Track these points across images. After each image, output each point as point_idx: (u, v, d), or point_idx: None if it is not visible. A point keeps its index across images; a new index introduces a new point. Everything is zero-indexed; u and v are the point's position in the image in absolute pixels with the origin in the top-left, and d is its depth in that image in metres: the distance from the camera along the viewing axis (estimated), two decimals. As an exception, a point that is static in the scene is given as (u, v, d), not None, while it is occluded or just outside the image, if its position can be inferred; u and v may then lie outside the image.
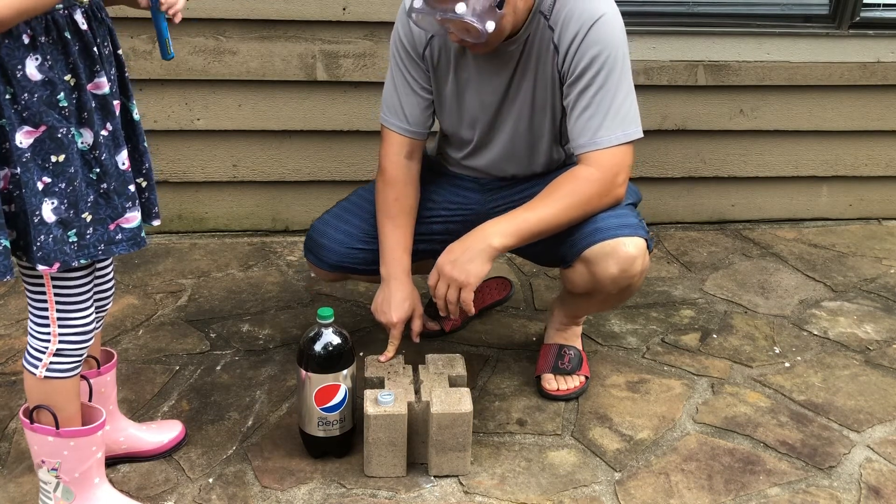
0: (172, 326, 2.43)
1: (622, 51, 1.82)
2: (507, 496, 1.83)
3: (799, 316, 2.59)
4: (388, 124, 2.03)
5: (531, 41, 1.86)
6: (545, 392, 2.15)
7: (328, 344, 1.81)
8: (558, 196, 1.83)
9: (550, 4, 1.83)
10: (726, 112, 3.08)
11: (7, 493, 1.80)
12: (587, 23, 1.78)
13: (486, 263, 1.79)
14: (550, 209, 1.82)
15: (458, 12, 1.66)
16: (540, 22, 1.84)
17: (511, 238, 1.80)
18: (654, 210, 3.20)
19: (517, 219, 1.82)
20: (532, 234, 1.82)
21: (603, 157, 1.82)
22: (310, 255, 2.15)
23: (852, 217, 3.33)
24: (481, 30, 1.69)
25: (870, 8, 3.06)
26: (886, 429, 2.09)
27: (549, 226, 1.83)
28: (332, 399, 1.82)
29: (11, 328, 2.39)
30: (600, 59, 1.79)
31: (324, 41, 2.80)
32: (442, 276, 1.82)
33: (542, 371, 2.18)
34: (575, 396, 2.15)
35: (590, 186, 1.82)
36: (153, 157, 2.91)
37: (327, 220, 2.14)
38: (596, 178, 1.82)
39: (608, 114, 1.80)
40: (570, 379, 2.16)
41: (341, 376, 1.82)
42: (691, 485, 1.88)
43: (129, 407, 2.07)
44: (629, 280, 1.91)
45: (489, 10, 1.68)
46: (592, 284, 1.93)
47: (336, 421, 1.85)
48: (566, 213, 1.83)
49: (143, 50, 2.73)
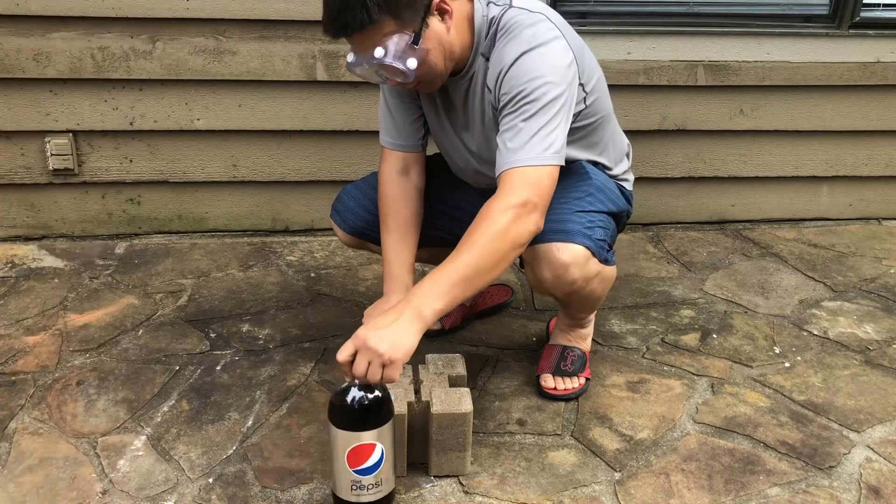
0: (172, 326, 2.43)
1: (552, 78, 1.72)
2: (507, 496, 1.83)
3: (799, 316, 2.59)
4: (383, 142, 2.05)
5: (473, 79, 1.87)
6: (544, 391, 2.15)
7: (363, 396, 1.60)
8: (476, 237, 1.65)
9: (489, 46, 1.81)
10: (726, 112, 3.08)
11: (7, 493, 1.80)
12: (513, 56, 1.76)
13: (416, 336, 1.60)
14: (473, 253, 1.63)
15: (377, 57, 1.67)
16: (481, 62, 1.84)
17: (444, 298, 1.61)
18: (654, 210, 3.20)
19: (442, 278, 1.62)
20: (463, 287, 1.63)
21: (514, 175, 1.70)
22: (335, 216, 2.16)
23: (852, 217, 3.33)
24: (404, 69, 1.69)
25: (870, 8, 3.06)
26: (886, 429, 2.09)
27: (479, 270, 1.63)
28: (367, 460, 1.62)
29: (11, 328, 2.39)
30: (527, 89, 1.72)
31: (324, 41, 2.80)
32: (363, 351, 1.57)
33: (543, 371, 2.18)
34: (574, 397, 2.15)
35: (503, 218, 1.65)
36: (153, 157, 2.93)
37: (359, 185, 2.16)
38: (510, 204, 1.66)
39: (534, 137, 1.71)
40: (571, 379, 2.16)
41: (377, 434, 1.62)
42: (691, 485, 1.88)
43: (129, 407, 2.07)
44: (569, 286, 1.87)
45: (406, 48, 1.68)
46: (539, 287, 1.93)
47: (372, 485, 1.65)
48: (491, 253, 1.64)
49: (142, 50, 2.73)
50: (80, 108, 2.81)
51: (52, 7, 2.66)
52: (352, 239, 2.17)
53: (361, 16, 1.62)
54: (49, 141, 2.82)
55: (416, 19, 1.68)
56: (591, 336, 2.24)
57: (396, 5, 1.64)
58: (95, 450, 1.92)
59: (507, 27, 1.78)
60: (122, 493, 1.80)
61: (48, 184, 2.89)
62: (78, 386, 2.14)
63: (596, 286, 1.96)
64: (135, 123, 2.85)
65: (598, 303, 2.09)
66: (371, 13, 1.62)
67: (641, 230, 3.16)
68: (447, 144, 2.05)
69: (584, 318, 2.19)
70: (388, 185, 2.01)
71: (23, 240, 2.93)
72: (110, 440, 1.96)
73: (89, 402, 2.08)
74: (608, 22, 2.98)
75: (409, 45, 1.69)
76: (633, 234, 3.14)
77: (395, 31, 1.67)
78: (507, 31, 1.78)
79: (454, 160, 2.08)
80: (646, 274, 2.83)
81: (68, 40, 2.70)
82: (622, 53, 2.97)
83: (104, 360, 2.25)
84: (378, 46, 1.67)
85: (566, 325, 2.20)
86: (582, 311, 2.13)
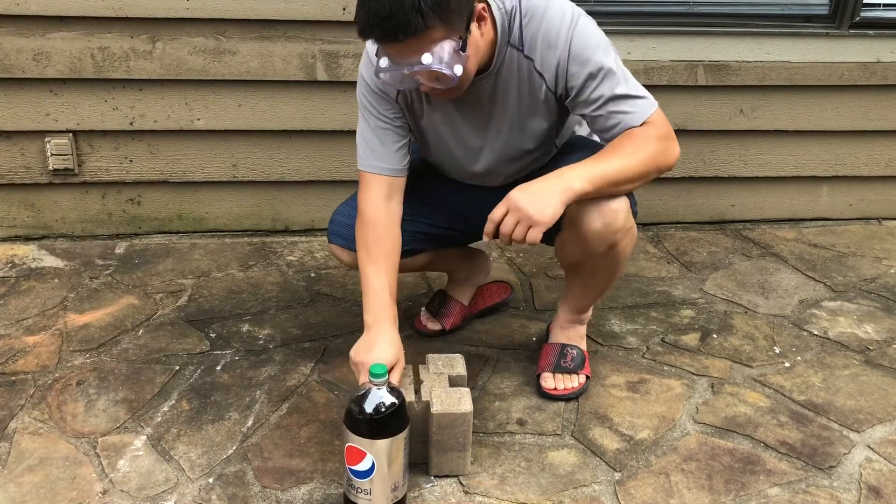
0: (172, 326, 2.43)
1: (603, 44, 1.83)
2: (507, 496, 1.83)
3: (799, 316, 2.59)
4: (366, 167, 1.99)
5: (504, 73, 1.86)
6: (544, 391, 2.15)
7: (371, 407, 1.67)
8: (627, 151, 1.79)
9: (518, 35, 1.82)
10: (726, 112, 3.08)
11: (7, 493, 1.80)
12: (564, 42, 1.79)
13: (561, 206, 1.72)
14: (625, 161, 1.78)
15: (425, 63, 1.66)
16: (512, 53, 1.84)
17: (591, 184, 1.74)
18: (654, 210, 3.20)
19: (596, 167, 1.76)
20: (608, 183, 1.77)
21: (651, 120, 1.82)
22: (337, 239, 2.10)
23: (852, 217, 3.33)
24: (451, 75, 1.69)
25: (870, 8, 3.06)
26: (886, 429, 2.09)
27: (624, 177, 1.78)
28: (359, 463, 1.69)
29: (11, 328, 2.39)
30: (593, 66, 1.80)
31: (324, 41, 2.80)
32: (512, 210, 1.71)
33: (543, 370, 2.17)
34: (574, 396, 2.15)
35: (651, 141, 1.80)
36: (153, 157, 2.92)
37: (352, 203, 2.10)
38: (653, 133, 1.81)
39: (631, 98, 1.82)
40: (570, 378, 2.15)
41: (371, 445, 1.67)
42: (691, 485, 1.88)
43: (130, 407, 2.07)
44: (613, 236, 1.88)
45: (454, 54, 1.68)
46: (579, 245, 1.91)
47: (361, 489, 1.71)
48: (638, 167, 1.79)
49: (142, 50, 2.73)
50: (80, 108, 2.81)
51: (52, 7, 2.66)
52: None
53: (416, 21, 1.59)
54: (49, 141, 2.82)
55: (462, 26, 1.67)
56: (585, 337, 2.24)
57: (448, 12, 1.62)
58: (95, 450, 1.92)
59: (529, 12, 1.81)
60: (122, 493, 1.80)
61: (48, 184, 2.89)
62: (78, 386, 2.14)
63: (628, 242, 1.94)
64: (135, 123, 2.85)
65: (619, 272, 2.05)
66: (427, 19, 1.59)
67: (641, 230, 3.16)
68: (459, 152, 2.02)
69: (587, 313, 2.20)
70: (373, 212, 1.95)
71: (23, 240, 2.93)
72: (110, 440, 1.96)
73: (89, 402, 2.08)
74: (608, 22, 2.96)
75: (456, 51, 1.68)
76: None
77: (444, 38, 1.65)
78: (532, 16, 1.81)
79: (463, 166, 2.06)
80: (646, 274, 2.83)
81: (68, 40, 2.70)
82: (622, 53, 2.96)
83: (104, 360, 2.25)
84: (426, 52, 1.65)
85: (566, 322, 2.20)
86: (600, 282, 2.08)
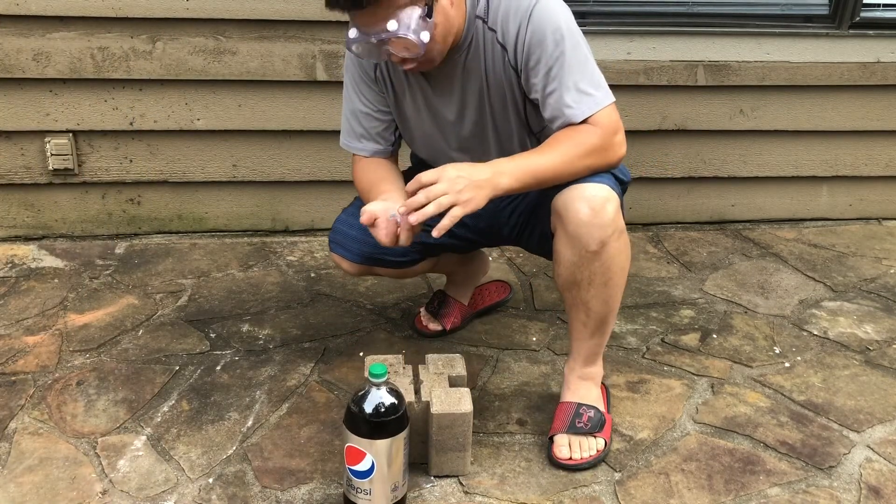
0: (172, 326, 2.43)
1: (567, 25, 1.78)
2: (507, 496, 1.83)
3: (799, 316, 2.59)
4: (353, 148, 2.00)
5: (473, 46, 1.84)
6: (555, 460, 1.91)
7: (371, 407, 1.67)
8: (563, 146, 1.76)
9: (485, 7, 1.81)
10: (726, 112, 3.08)
11: (7, 493, 1.80)
12: (524, 13, 1.76)
13: (485, 200, 1.68)
14: (556, 159, 1.74)
15: (391, 30, 1.65)
16: (479, 26, 1.82)
17: (519, 182, 1.71)
18: (654, 210, 3.20)
19: (526, 162, 1.73)
20: (538, 180, 1.74)
21: (595, 118, 1.78)
22: (338, 249, 2.06)
23: (852, 217, 3.33)
24: (417, 41, 1.67)
25: (870, 8, 3.06)
26: (886, 429, 2.09)
27: (554, 176, 1.75)
28: (359, 463, 1.68)
29: (11, 328, 2.39)
30: (551, 42, 1.76)
31: (324, 41, 2.80)
32: (443, 179, 1.65)
33: (556, 431, 1.94)
34: (590, 466, 1.91)
35: (592, 138, 1.76)
36: (153, 157, 2.92)
37: (352, 212, 2.05)
38: (596, 131, 1.77)
39: (582, 84, 1.77)
40: (587, 442, 1.93)
41: (371, 445, 1.66)
42: (691, 485, 1.88)
43: (129, 407, 2.07)
44: (602, 227, 1.77)
45: (420, 20, 1.66)
46: (570, 245, 1.80)
47: (361, 489, 1.69)
48: (568, 168, 1.75)
49: (142, 50, 2.73)
50: (80, 108, 2.81)
51: (52, 7, 2.66)
52: (360, 267, 2.07)
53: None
54: (49, 141, 2.82)
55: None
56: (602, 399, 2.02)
57: None
58: (95, 450, 1.92)
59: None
60: (122, 493, 1.80)
61: (48, 184, 2.89)
62: (78, 386, 2.14)
63: (621, 247, 1.82)
64: (135, 123, 2.85)
65: (617, 288, 1.87)
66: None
67: (641, 230, 3.16)
68: (432, 135, 2.00)
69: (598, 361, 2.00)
70: (370, 168, 1.98)
71: (23, 240, 2.93)
72: (110, 440, 1.96)
73: (89, 403, 2.08)
74: (608, 22, 2.98)
75: (422, 17, 1.66)
76: (633, 234, 3.13)
77: (408, 4, 1.64)
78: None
79: (443, 147, 2.03)
80: (646, 274, 2.83)
81: (68, 40, 2.70)
82: (622, 53, 2.97)
83: (104, 361, 2.25)
84: (391, 19, 1.64)
85: (578, 378, 2.00)
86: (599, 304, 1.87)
